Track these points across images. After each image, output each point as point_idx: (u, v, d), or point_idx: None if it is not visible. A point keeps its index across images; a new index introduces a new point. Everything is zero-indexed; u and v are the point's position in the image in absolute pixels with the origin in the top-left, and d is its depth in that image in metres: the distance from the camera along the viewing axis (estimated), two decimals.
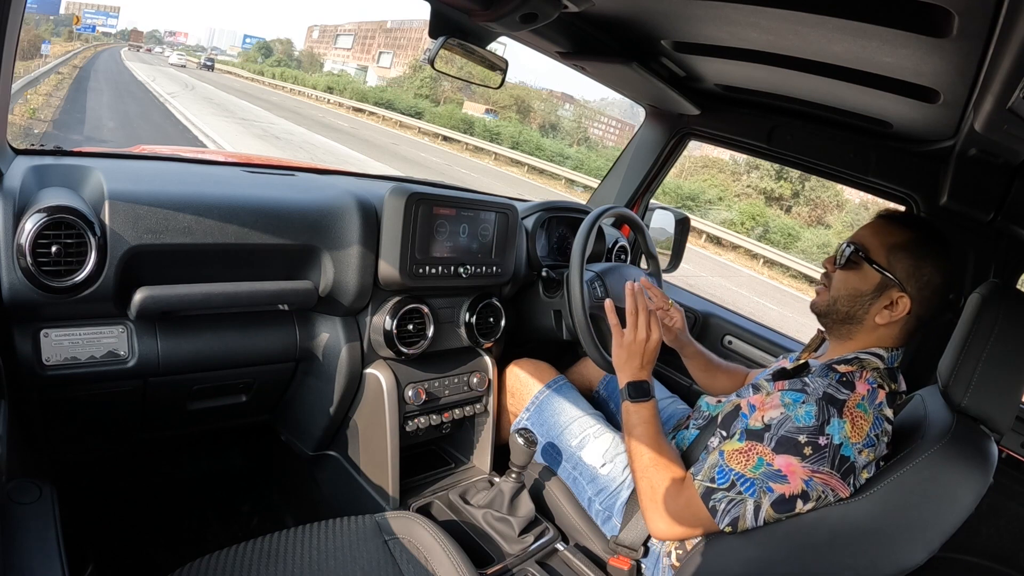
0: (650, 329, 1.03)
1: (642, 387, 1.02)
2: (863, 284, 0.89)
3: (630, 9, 0.99)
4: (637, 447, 0.98)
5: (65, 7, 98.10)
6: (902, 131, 1.17)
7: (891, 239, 0.88)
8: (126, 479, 1.31)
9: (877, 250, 0.88)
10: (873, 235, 0.90)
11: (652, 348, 1.03)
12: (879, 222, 0.92)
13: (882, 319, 0.87)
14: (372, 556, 0.88)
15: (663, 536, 0.94)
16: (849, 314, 0.90)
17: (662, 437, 0.98)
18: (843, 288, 0.91)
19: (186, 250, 0.87)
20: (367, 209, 1.05)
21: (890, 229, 0.90)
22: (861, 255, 0.89)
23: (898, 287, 0.86)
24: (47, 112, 9.18)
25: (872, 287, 0.88)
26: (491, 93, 31.40)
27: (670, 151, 1.64)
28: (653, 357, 1.04)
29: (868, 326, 0.89)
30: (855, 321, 0.90)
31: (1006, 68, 0.57)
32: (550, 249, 1.50)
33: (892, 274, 0.86)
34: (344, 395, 1.13)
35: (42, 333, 0.82)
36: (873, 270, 0.88)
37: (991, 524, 1.16)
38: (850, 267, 0.90)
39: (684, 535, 0.92)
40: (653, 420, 0.99)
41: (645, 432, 0.98)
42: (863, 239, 0.91)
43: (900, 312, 0.86)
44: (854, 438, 0.78)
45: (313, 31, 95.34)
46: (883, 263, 0.87)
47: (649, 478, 0.94)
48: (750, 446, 0.83)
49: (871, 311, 0.88)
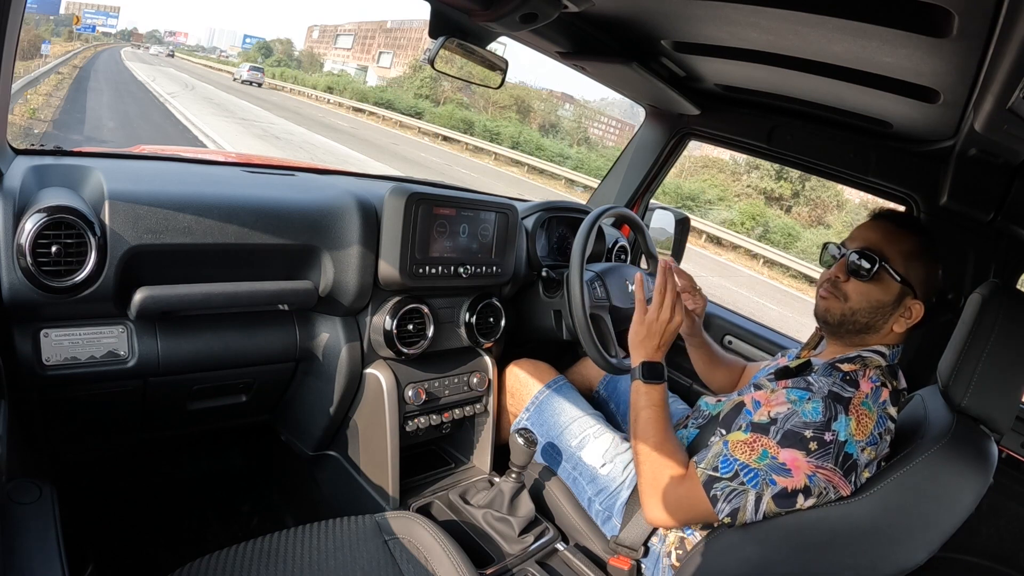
0: (674, 311, 1.00)
1: (656, 368, 1.00)
2: (885, 295, 0.87)
3: (630, 9, 0.99)
4: (643, 431, 0.96)
5: (65, 7, 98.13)
6: (902, 131, 1.17)
7: (905, 246, 0.87)
8: (126, 479, 1.32)
9: (896, 258, 0.86)
10: (888, 243, 0.88)
11: (672, 330, 1.01)
12: (888, 227, 0.90)
13: (899, 327, 0.87)
14: (372, 556, 0.88)
15: (658, 523, 0.93)
16: (868, 324, 0.89)
17: (669, 424, 0.97)
18: (864, 300, 0.88)
19: (186, 250, 0.87)
20: (367, 209, 1.05)
21: (902, 235, 0.88)
22: (883, 265, 0.86)
23: (912, 295, 0.86)
24: (47, 112, 9.18)
25: (893, 297, 0.87)
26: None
27: (670, 151, 1.65)
28: (670, 340, 1.02)
29: (883, 333, 0.89)
30: (872, 331, 0.89)
31: (1006, 68, 0.57)
32: (550, 249, 1.50)
33: (911, 283, 0.86)
34: (344, 395, 1.13)
35: (42, 333, 0.82)
36: (894, 281, 0.86)
37: (991, 524, 1.16)
38: (871, 278, 0.87)
39: (681, 524, 0.92)
40: (662, 404, 0.98)
41: (653, 416, 0.96)
42: (880, 247, 0.88)
43: (915, 319, 0.86)
44: (858, 436, 0.78)
45: (313, 31, 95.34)
46: (902, 272, 0.86)
47: (652, 464, 0.93)
48: (755, 438, 0.83)
49: (890, 321, 0.87)
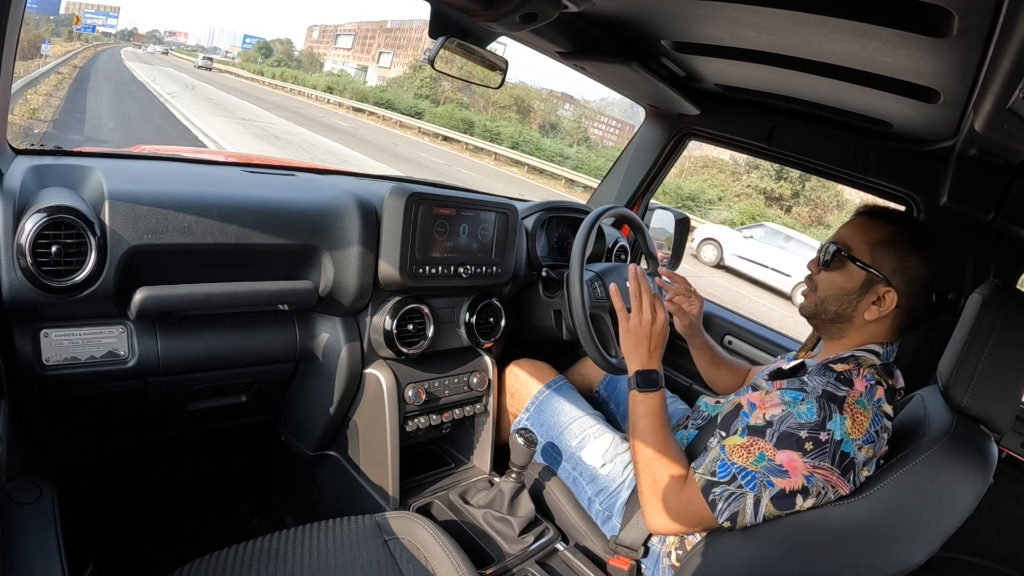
0: (655, 311, 1.01)
1: (651, 376, 1.00)
2: (849, 282, 0.90)
3: (630, 9, 0.99)
4: (642, 439, 0.96)
5: (65, 7, 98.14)
6: (902, 131, 1.17)
7: (873, 235, 0.89)
8: (126, 479, 1.32)
9: (860, 247, 0.89)
10: (855, 233, 0.91)
11: (659, 331, 1.01)
12: (859, 220, 0.93)
13: (871, 315, 0.88)
14: (372, 556, 0.88)
15: (661, 531, 0.93)
16: (838, 313, 0.91)
17: (668, 431, 0.97)
18: (829, 288, 0.92)
19: (186, 250, 0.87)
20: (367, 209, 1.05)
21: (871, 225, 0.90)
22: (844, 254, 0.90)
23: (884, 282, 0.87)
24: (47, 112, 9.18)
25: (858, 285, 0.89)
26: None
27: (670, 151, 1.65)
28: (661, 342, 1.02)
29: (858, 323, 0.90)
30: (844, 319, 0.91)
31: (1006, 68, 0.57)
32: (550, 249, 1.50)
33: (877, 270, 0.87)
34: (344, 395, 1.13)
35: (42, 333, 0.82)
36: (858, 268, 0.89)
37: (991, 524, 1.16)
38: (835, 267, 0.91)
39: (682, 531, 0.92)
40: (660, 412, 0.98)
41: (650, 424, 0.97)
42: (845, 238, 0.92)
43: (888, 306, 0.87)
44: (854, 434, 0.78)
45: (313, 31, 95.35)
46: (867, 260, 0.88)
47: (652, 472, 0.93)
48: (752, 441, 0.83)
49: (859, 308, 0.89)
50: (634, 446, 0.98)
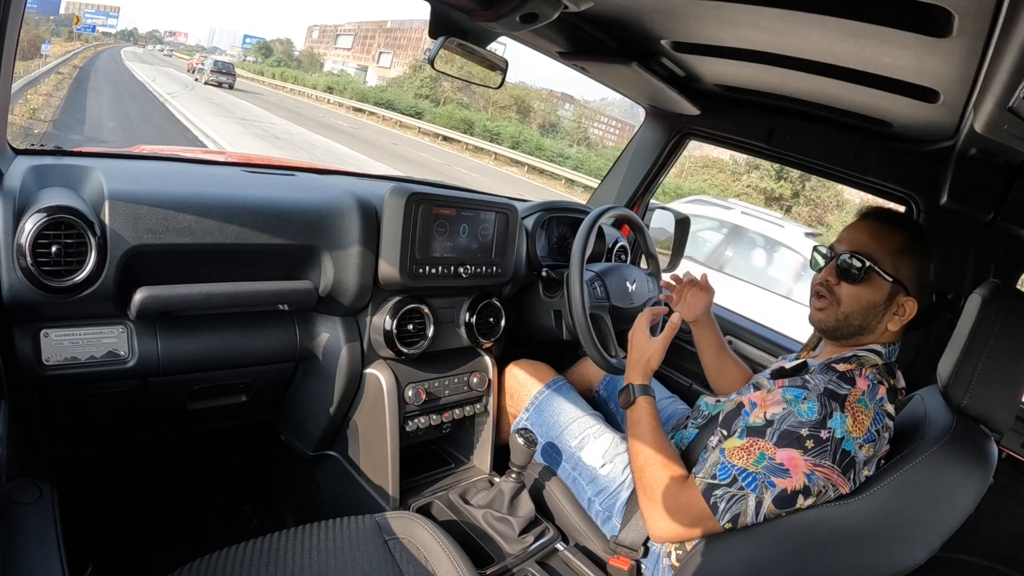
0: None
1: (627, 393, 1.05)
2: (876, 296, 0.87)
3: (630, 9, 0.99)
4: (638, 443, 0.98)
5: (65, 7, 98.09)
6: (902, 131, 1.17)
7: (894, 243, 0.87)
8: (126, 479, 1.32)
9: (884, 258, 0.87)
10: (876, 242, 0.88)
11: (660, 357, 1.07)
12: (874, 225, 0.90)
13: (893, 325, 0.87)
14: (372, 556, 0.88)
15: (662, 537, 0.93)
16: (862, 326, 0.89)
17: (662, 434, 0.99)
18: (855, 303, 0.88)
19: (186, 250, 0.87)
20: (367, 209, 1.05)
21: (889, 233, 0.88)
22: (871, 266, 0.87)
23: (904, 291, 0.86)
24: (47, 112, 9.17)
25: (884, 297, 0.87)
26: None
27: (670, 151, 1.64)
28: (659, 362, 1.07)
29: (877, 333, 0.89)
30: (867, 331, 0.89)
31: (1006, 68, 0.57)
32: (550, 249, 1.50)
33: (901, 280, 0.86)
34: (344, 395, 1.13)
35: (42, 333, 0.82)
36: (885, 280, 0.86)
37: (991, 524, 1.16)
38: (861, 280, 0.87)
39: (683, 536, 0.91)
40: (645, 419, 1.00)
41: (643, 431, 0.99)
42: (867, 247, 0.88)
43: (909, 315, 0.86)
44: (855, 433, 0.78)
45: (313, 31, 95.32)
46: (891, 270, 0.86)
47: (649, 476, 0.94)
48: (751, 442, 0.83)
49: (883, 320, 0.88)
50: (631, 452, 1.00)
